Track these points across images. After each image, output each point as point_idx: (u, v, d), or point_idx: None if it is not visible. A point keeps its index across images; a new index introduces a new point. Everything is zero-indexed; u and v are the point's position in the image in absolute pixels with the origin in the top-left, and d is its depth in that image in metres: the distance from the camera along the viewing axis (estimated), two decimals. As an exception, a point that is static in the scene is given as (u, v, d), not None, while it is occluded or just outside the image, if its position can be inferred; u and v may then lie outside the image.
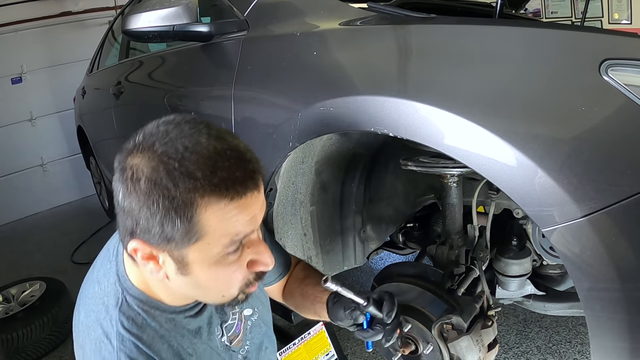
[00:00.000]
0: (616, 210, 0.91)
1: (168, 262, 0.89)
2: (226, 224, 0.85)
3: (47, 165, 6.02)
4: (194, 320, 1.07)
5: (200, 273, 0.90)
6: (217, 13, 1.92)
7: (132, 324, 0.98)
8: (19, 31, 5.46)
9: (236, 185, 0.83)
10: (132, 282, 1.00)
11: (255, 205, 0.88)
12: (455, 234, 1.57)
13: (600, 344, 1.03)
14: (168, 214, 0.81)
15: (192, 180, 0.80)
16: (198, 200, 0.81)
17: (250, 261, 0.94)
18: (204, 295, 1.00)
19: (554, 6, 4.94)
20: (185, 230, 0.82)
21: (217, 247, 0.86)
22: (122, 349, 0.96)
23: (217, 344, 1.12)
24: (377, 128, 1.18)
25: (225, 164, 0.83)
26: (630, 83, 0.94)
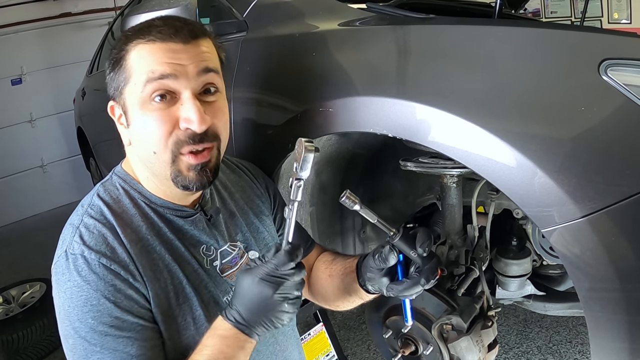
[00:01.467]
0: (616, 210, 0.91)
1: (122, 117, 1.02)
2: (144, 62, 0.95)
3: (47, 167, 6.03)
4: (178, 219, 1.08)
5: (134, 120, 0.98)
6: (216, 14, 1.92)
7: (107, 194, 1.06)
8: (19, 32, 5.47)
9: (159, 34, 0.95)
10: (122, 167, 1.11)
11: (182, 54, 0.96)
12: (455, 234, 1.56)
13: (600, 344, 1.03)
14: (114, 63, 1.00)
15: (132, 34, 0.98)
16: (128, 46, 0.97)
17: (179, 117, 0.97)
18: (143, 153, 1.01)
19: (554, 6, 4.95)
20: (120, 74, 0.99)
21: (139, 86, 0.95)
22: (89, 212, 1.02)
23: (204, 261, 1.09)
24: (377, 129, 1.18)
25: (159, 22, 0.98)
26: (629, 83, 0.94)
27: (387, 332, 1.46)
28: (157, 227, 1.04)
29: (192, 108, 0.95)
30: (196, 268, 1.07)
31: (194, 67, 0.97)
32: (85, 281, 0.93)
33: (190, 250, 1.07)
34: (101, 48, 4.31)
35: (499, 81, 1.09)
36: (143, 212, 1.04)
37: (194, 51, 0.97)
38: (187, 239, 1.08)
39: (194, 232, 1.09)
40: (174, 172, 0.99)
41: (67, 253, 0.96)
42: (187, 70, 0.96)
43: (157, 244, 1.03)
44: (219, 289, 1.10)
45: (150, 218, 1.05)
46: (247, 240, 1.20)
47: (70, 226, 1.01)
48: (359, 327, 3.00)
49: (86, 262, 0.94)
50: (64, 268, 0.96)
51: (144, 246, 1.01)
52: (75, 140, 5.17)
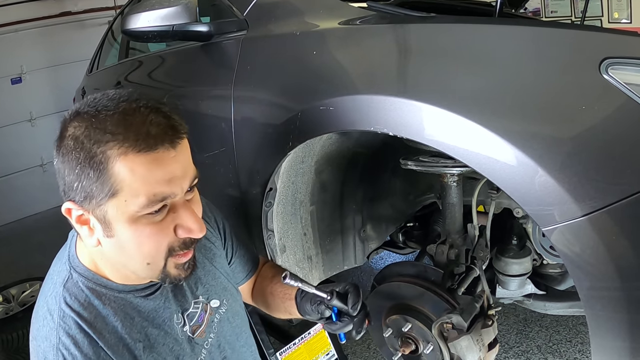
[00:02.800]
0: (616, 209, 0.91)
1: (96, 225, 0.90)
2: (140, 180, 0.84)
3: (46, 166, 6.01)
4: (146, 301, 1.03)
5: (122, 233, 0.88)
6: (217, 13, 1.92)
7: (74, 300, 0.97)
8: (19, 31, 5.46)
9: (148, 138, 0.84)
10: (80, 260, 1.00)
11: (174, 164, 0.87)
12: (456, 233, 1.56)
13: (601, 343, 1.03)
14: (84, 168, 0.84)
15: (105, 133, 0.82)
16: (108, 152, 0.82)
17: (176, 226, 0.92)
18: (129, 262, 0.94)
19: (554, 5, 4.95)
20: (101, 184, 0.84)
21: (134, 206, 0.85)
22: (62, 325, 0.95)
23: (177, 332, 1.08)
24: (377, 127, 1.18)
25: (139, 119, 0.84)
26: (630, 82, 0.94)
27: (388, 331, 1.46)
28: (129, 319, 1.00)
29: (191, 217, 0.92)
30: (172, 346, 1.06)
31: (188, 181, 0.91)
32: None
33: (164, 328, 1.05)
34: (101, 47, 4.31)
35: (499, 80, 1.09)
36: (114, 306, 0.99)
37: (183, 158, 0.90)
38: (157, 319, 1.05)
39: (161, 309, 1.06)
40: (162, 275, 0.96)
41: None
42: (183, 184, 0.90)
43: (134, 339, 1.00)
44: (194, 354, 1.11)
45: (123, 311, 1.00)
46: (207, 291, 1.17)
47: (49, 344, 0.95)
48: (359, 326, 2.99)
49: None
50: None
51: (124, 346, 0.98)
52: (75, 140, 5.16)
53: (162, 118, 0.87)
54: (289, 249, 1.77)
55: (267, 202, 1.63)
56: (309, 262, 1.86)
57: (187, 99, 2.03)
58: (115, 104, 0.85)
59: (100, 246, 0.93)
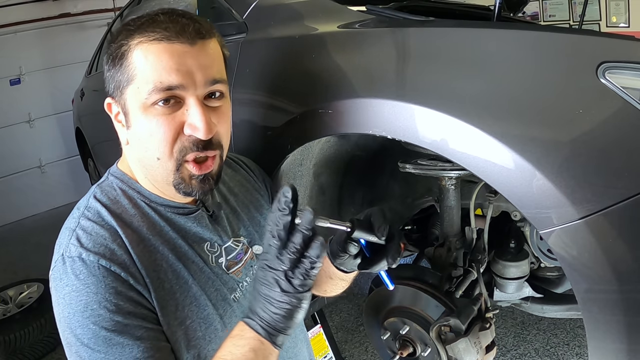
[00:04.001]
0: (613, 212, 0.92)
1: (122, 118, 0.97)
2: (150, 66, 0.90)
3: (45, 167, 6.01)
4: (179, 217, 1.04)
5: (136, 123, 0.94)
6: (216, 15, 1.93)
7: (103, 195, 1.01)
8: (18, 32, 5.46)
9: (166, 31, 0.90)
10: (119, 168, 1.06)
11: (189, 59, 0.91)
12: (453, 236, 1.57)
13: (598, 345, 1.03)
14: (114, 59, 0.94)
15: (135, 28, 0.92)
16: (130, 42, 0.91)
17: (185, 123, 0.93)
18: (145, 158, 0.96)
19: (552, 9, 4.96)
20: (122, 72, 0.93)
21: (144, 92, 0.90)
22: (86, 214, 0.97)
23: (210, 258, 1.05)
24: (376, 130, 1.18)
25: (164, 18, 0.92)
26: (627, 86, 0.95)
27: (385, 334, 1.46)
28: (158, 227, 1.00)
29: (199, 115, 0.92)
30: (201, 266, 1.03)
31: (202, 76, 0.93)
32: (84, 284, 0.89)
33: (194, 248, 1.03)
34: (100, 49, 4.31)
35: (498, 84, 1.09)
36: (143, 211, 1.00)
37: (202, 55, 0.93)
38: (190, 236, 1.04)
39: (196, 229, 1.05)
40: (176, 179, 0.97)
41: (64, 257, 0.92)
42: (195, 79, 0.92)
43: (159, 244, 0.98)
44: (226, 287, 1.06)
45: (151, 217, 1.00)
46: (250, 235, 1.16)
47: (67, 230, 0.96)
48: (357, 329, 3.00)
49: (84, 264, 0.90)
50: (62, 273, 0.91)
51: (146, 247, 0.96)
52: (74, 141, 5.15)
53: (187, 20, 0.93)
54: (287, 251, 1.77)
55: (265, 205, 1.63)
56: (307, 264, 1.85)
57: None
58: (154, 13, 0.94)
59: (128, 145, 1.00)
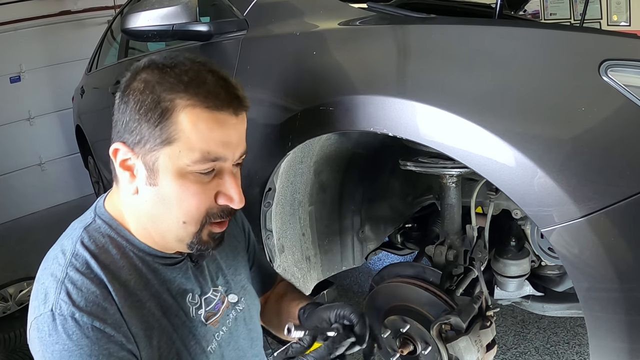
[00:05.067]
0: (615, 210, 0.91)
1: (140, 170, 0.91)
2: (200, 135, 0.87)
3: (45, 165, 6.01)
4: (165, 268, 1.02)
5: (167, 184, 0.90)
6: (217, 12, 1.92)
7: (91, 242, 0.95)
8: (18, 30, 5.45)
9: (217, 99, 0.88)
10: (106, 209, 1.01)
11: (233, 131, 0.91)
12: (454, 234, 1.56)
13: (599, 344, 1.03)
14: (148, 111, 0.86)
15: (179, 83, 0.86)
16: (177, 100, 0.86)
17: (218, 192, 0.94)
18: (165, 216, 0.94)
19: (553, 8, 4.95)
20: (160, 130, 0.87)
21: (187, 159, 0.88)
22: (73, 262, 0.92)
23: (191, 310, 1.05)
24: (376, 128, 1.18)
25: (212, 80, 0.89)
26: (629, 84, 0.94)
27: (386, 332, 1.46)
28: (145, 279, 0.98)
29: (234, 187, 0.94)
30: (184, 320, 1.03)
31: (240, 149, 0.94)
32: (77, 346, 0.87)
33: (178, 300, 1.03)
34: (100, 46, 4.31)
35: (499, 81, 1.09)
36: (131, 262, 0.97)
37: (241, 127, 0.94)
38: (173, 288, 1.03)
39: (180, 280, 1.04)
40: (194, 239, 0.96)
41: (53, 313, 0.87)
42: (235, 153, 0.93)
43: (146, 299, 0.97)
44: (204, 339, 1.07)
45: (139, 269, 0.98)
46: (227, 284, 1.16)
47: (53, 278, 0.91)
48: (357, 327, 2.99)
49: (77, 325, 0.87)
50: (51, 329, 0.87)
51: (134, 302, 0.95)
52: (74, 139, 5.16)
53: (232, 87, 0.91)
54: (287, 249, 1.77)
55: (266, 203, 1.63)
56: (307, 262, 1.86)
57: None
58: (191, 62, 0.90)
59: (137, 195, 0.94)
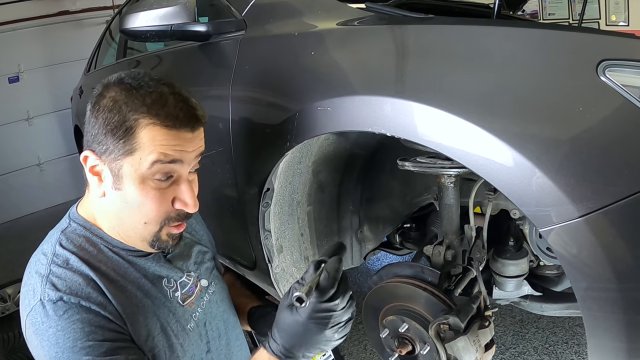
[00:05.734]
0: (613, 210, 0.91)
1: (107, 176, 1.02)
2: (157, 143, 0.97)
3: (43, 165, 6.01)
4: (138, 259, 1.12)
5: (129, 189, 1.00)
6: (215, 13, 1.92)
7: (69, 243, 1.06)
8: (17, 30, 5.46)
9: (176, 119, 0.98)
10: (79, 214, 1.12)
11: (187, 143, 1.01)
12: (452, 234, 1.56)
13: (598, 344, 1.03)
14: (114, 129, 0.97)
15: (142, 105, 0.97)
16: (140, 120, 0.97)
17: (175, 198, 1.04)
18: (129, 217, 1.04)
19: (552, 8, 4.95)
20: (123, 143, 0.97)
21: (146, 163, 0.98)
22: (55, 260, 1.02)
23: (168, 293, 1.16)
24: (375, 128, 1.18)
25: (172, 102, 0.99)
26: (627, 84, 0.94)
27: (384, 332, 1.46)
28: (122, 269, 1.08)
29: (189, 193, 1.04)
30: (163, 301, 1.14)
31: (194, 155, 1.04)
32: (69, 322, 0.95)
33: (155, 285, 1.14)
34: (99, 46, 4.30)
35: (497, 81, 1.09)
36: (107, 256, 1.07)
37: (197, 139, 1.04)
38: (149, 275, 1.13)
39: (155, 268, 1.15)
40: (154, 238, 1.07)
41: (42, 302, 0.97)
42: (190, 157, 1.03)
43: (126, 284, 1.07)
44: (183, 318, 1.18)
45: (115, 261, 1.08)
46: (198, 270, 1.28)
47: (38, 275, 1.01)
48: (356, 327, 2.99)
49: (66, 304, 0.96)
50: (43, 316, 0.96)
51: (117, 287, 1.05)
52: (72, 139, 5.16)
53: (190, 107, 1.02)
54: (286, 250, 1.77)
55: (264, 203, 1.63)
56: (306, 262, 1.86)
57: (184, 99, 2.03)
58: (155, 84, 1.00)
59: (104, 198, 1.04)
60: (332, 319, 0.98)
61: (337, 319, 0.99)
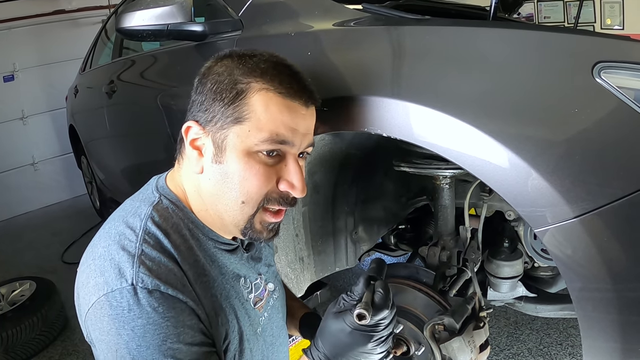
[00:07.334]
0: (608, 211, 0.92)
1: (208, 149, 0.95)
2: (270, 117, 0.91)
3: (38, 164, 5.99)
4: (222, 254, 1.04)
5: (232, 162, 0.93)
6: (212, 12, 1.92)
7: (163, 221, 0.95)
8: (12, 29, 5.44)
9: (291, 89, 0.93)
10: (170, 189, 1.02)
11: (301, 120, 0.95)
12: (447, 235, 1.57)
13: (592, 344, 1.04)
14: (224, 91, 0.92)
15: (256, 69, 0.92)
16: (253, 83, 0.91)
17: (280, 178, 0.97)
18: (226, 195, 0.95)
19: (547, 11, 4.98)
20: (233, 109, 0.91)
21: (255, 138, 0.91)
22: (146, 239, 0.91)
23: (243, 293, 1.08)
24: (370, 128, 1.18)
25: (288, 72, 0.95)
26: (622, 85, 0.95)
27: (379, 332, 1.46)
28: (209, 261, 1.00)
29: (298, 175, 0.97)
30: (242, 302, 1.07)
31: (306, 139, 0.98)
32: (163, 318, 0.86)
33: (234, 285, 1.05)
34: (94, 46, 4.30)
35: (493, 82, 1.09)
36: (198, 243, 0.99)
37: (309, 120, 0.99)
38: (229, 272, 1.05)
39: (235, 266, 1.07)
40: (247, 224, 0.98)
41: (135, 287, 0.86)
42: (301, 140, 0.97)
43: (212, 279, 0.99)
44: (254, 322, 1.10)
45: (204, 251, 1.00)
46: (267, 273, 1.20)
47: (125, 253, 0.89)
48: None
49: (163, 297, 0.87)
50: (132, 304, 0.85)
51: (203, 282, 0.96)
52: (67, 138, 5.15)
53: (304, 81, 0.97)
54: (281, 250, 1.77)
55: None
56: (300, 263, 1.86)
57: (180, 99, 2.03)
58: (269, 55, 0.97)
59: (201, 174, 0.96)
60: (378, 333, 0.97)
61: (382, 332, 0.97)
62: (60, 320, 3.18)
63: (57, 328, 3.14)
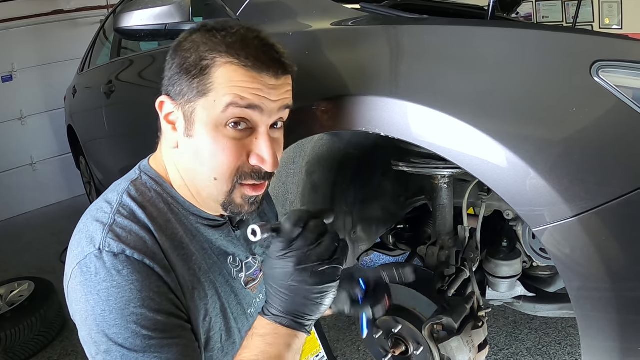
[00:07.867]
0: (606, 210, 0.92)
1: (180, 122, 0.95)
2: (234, 84, 0.89)
3: (36, 165, 5.99)
4: (207, 229, 1.03)
5: (201, 136, 0.92)
6: (210, 12, 1.92)
7: (139, 195, 0.97)
8: (10, 29, 5.44)
9: (257, 61, 0.90)
10: (151, 166, 1.03)
11: (270, 90, 0.92)
12: (446, 235, 1.57)
13: (591, 343, 1.04)
14: (190, 67, 0.91)
15: (222, 44, 0.90)
16: (217, 59, 0.90)
17: (250, 152, 0.94)
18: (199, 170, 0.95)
19: (546, 10, 4.98)
20: (197, 83, 0.91)
21: (220, 105, 0.90)
22: (120, 211, 0.93)
23: (232, 271, 1.07)
24: (369, 128, 1.18)
25: (256, 44, 0.92)
26: (621, 84, 0.95)
27: (378, 332, 1.46)
28: (189, 235, 1.00)
29: (268, 149, 0.94)
30: (227, 279, 1.05)
31: (277, 105, 0.95)
32: (127, 281, 0.86)
33: (220, 259, 1.05)
34: (93, 46, 4.29)
35: (492, 82, 1.09)
36: (176, 217, 0.99)
37: (282, 89, 0.96)
38: (215, 248, 1.05)
39: (222, 243, 1.06)
40: (227, 200, 0.97)
41: (101, 251, 0.87)
42: (272, 107, 0.94)
43: (193, 252, 0.99)
44: (244, 301, 1.09)
45: (183, 225, 0.99)
46: (264, 254, 1.17)
47: (98, 224, 0.91)
48: (349, 328, 3.00)
49: (128, 260, 0.87)
50: (98, 267, 0.86)
51: (180, 254, 0.96)
52: (66, 139, 5.14)
53: (275, 52, 0.94)
54: (279, 250, 1.77)
55: (257, 203, 1.62)
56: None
57: (179, 99, 2.02)
58: (239, 27, 0.93)
59: (177, 149, 0.97)
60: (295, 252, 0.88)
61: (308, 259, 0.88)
62: (59, 321, 3.18)
63: (55, 328, 3.14)
